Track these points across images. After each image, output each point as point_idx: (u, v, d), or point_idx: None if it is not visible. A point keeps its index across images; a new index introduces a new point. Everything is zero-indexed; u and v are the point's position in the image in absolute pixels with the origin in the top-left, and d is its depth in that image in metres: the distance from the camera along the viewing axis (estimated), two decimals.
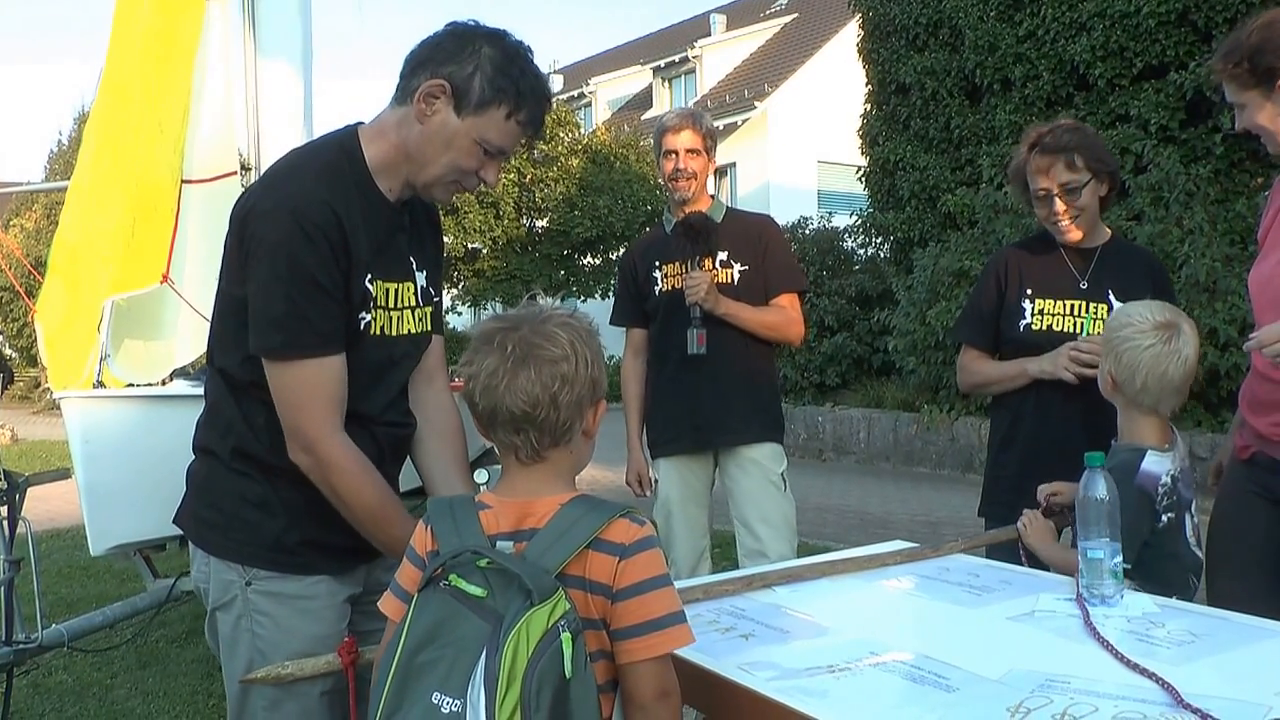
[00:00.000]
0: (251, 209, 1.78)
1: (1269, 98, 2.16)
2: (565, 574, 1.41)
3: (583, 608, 1.41)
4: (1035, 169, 2.77)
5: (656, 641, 1.41)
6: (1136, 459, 2.15)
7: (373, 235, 1.84)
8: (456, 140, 1.80)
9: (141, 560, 4.35)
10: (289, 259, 1.72)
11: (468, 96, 1.78)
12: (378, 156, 1.85)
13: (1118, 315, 2.28)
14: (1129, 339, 2.18)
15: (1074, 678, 1.46)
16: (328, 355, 1.77)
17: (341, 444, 1.79)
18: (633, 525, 1.44)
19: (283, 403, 1.77)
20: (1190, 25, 8.60)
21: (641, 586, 1.42)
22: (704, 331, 3.35)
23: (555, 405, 1.47)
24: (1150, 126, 8.72)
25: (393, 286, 1.91)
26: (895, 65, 11.09)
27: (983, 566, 2.20)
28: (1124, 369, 2.18)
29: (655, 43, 31.41)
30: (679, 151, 3.46)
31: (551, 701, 1.31)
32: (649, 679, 1.42)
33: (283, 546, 1.84)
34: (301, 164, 1.85)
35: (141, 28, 4.57)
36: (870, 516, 7.95)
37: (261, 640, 1.83)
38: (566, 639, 1.33)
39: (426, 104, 1.79)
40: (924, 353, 9.70)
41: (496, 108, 1.79)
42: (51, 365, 4.50)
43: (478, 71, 1.78)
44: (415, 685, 1.36)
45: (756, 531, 3.45)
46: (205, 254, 4.49)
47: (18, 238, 21.38)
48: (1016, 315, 2.84)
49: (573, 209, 19.48)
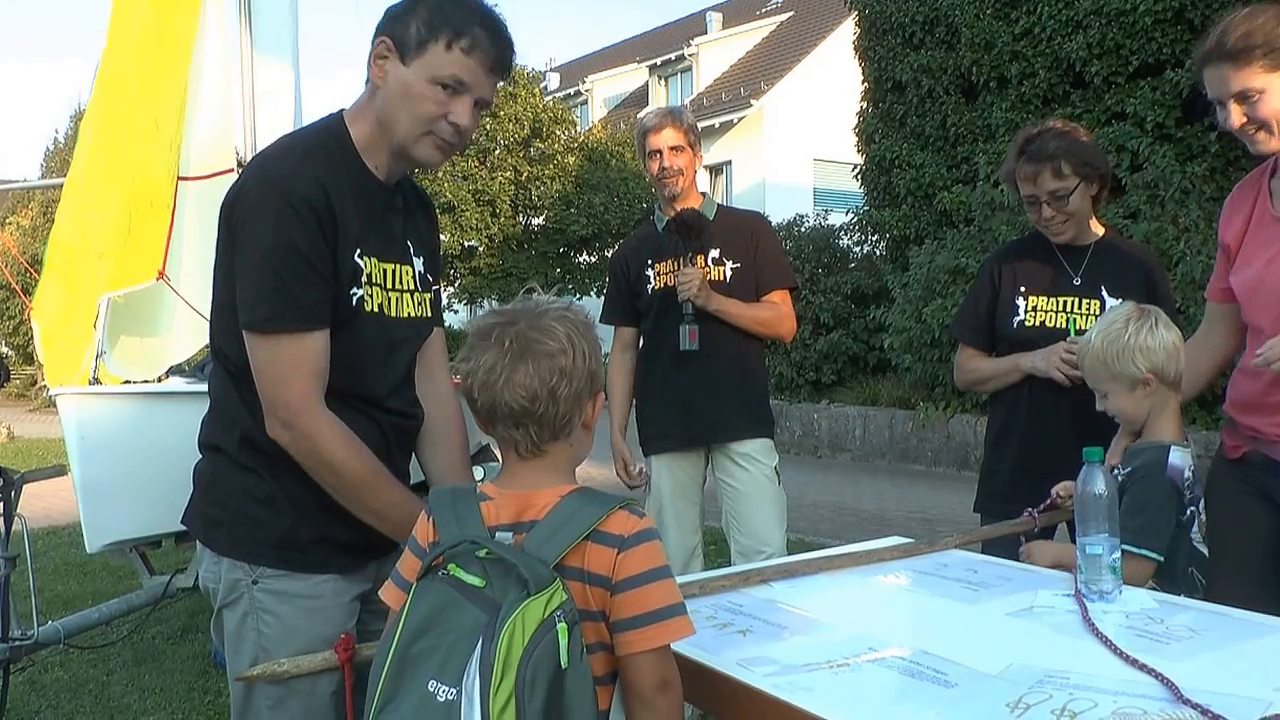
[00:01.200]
0: (239, 190, 1.79)
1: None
2: (564, 565, 1.41)
3: (581, 599, 1.41)
4: (1022, 176, 2.78)
5: (655, 633, 1.41)
6: (1163, 454, 2.16)
7: (362, 211, 1.84)
8: (412, 89, 1.81)
9: (137, 557, 4.35)
10: (274, 232, 1.72)
11: (407, 42, 1.80)
12: (362, 135, 1.87)
13: (1105, 335, 2.26)
14: (1136, 336, 2.20)
15: (1073, 673, 1.46)
16: (311, 330, 1.76)
17: (323, 415, 1.76)
18: (632, 517, 1.44)
19: (263, 377, 1.76)
20: (1186, 23, 8.60)
21: (641, 578, 1.42)
22: (696, 328, 3.35)
23: (554, 399, 1.47)
24: (1146, 124, 8.72)
25: (389, 267, 1.91)
26: (891, 63, 11.09)
27: (981, 562, 2.20)
28: (1156, 356, 2.19)
29: (651, 41, 31.39)
30: (663, 150, 3.46)
31: (546, 691, 1.31)
32: (649, 671, 1.42)
33: (291, 544, 1.83)
34: (288, 144, 1.87)
35: (138, 25, 4.57)
36: (866, 514, 7.95)
37: (266, 639, 1.82)
38: (562, 629, 1.33)
39: (378, 66, 1.82)
40: (920, 350, 9.71)
41: (435, 43, 1.80)
42: (48, 362, 4.49)
43: (413, 17, 1.81)
44: (412, 673, 1.36)
45: (749, 527, 3.45)
46: (201, 251, 4.49)
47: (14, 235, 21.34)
48: (1010, 312, 2.86)
49: (569, 207, 19.48)
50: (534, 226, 20.14)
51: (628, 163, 20.02)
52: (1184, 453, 2.18)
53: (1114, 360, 2.21)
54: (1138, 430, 2.28)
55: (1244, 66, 2.14)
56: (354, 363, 1.83)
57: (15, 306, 21.21)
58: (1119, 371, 2.22)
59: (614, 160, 20.25)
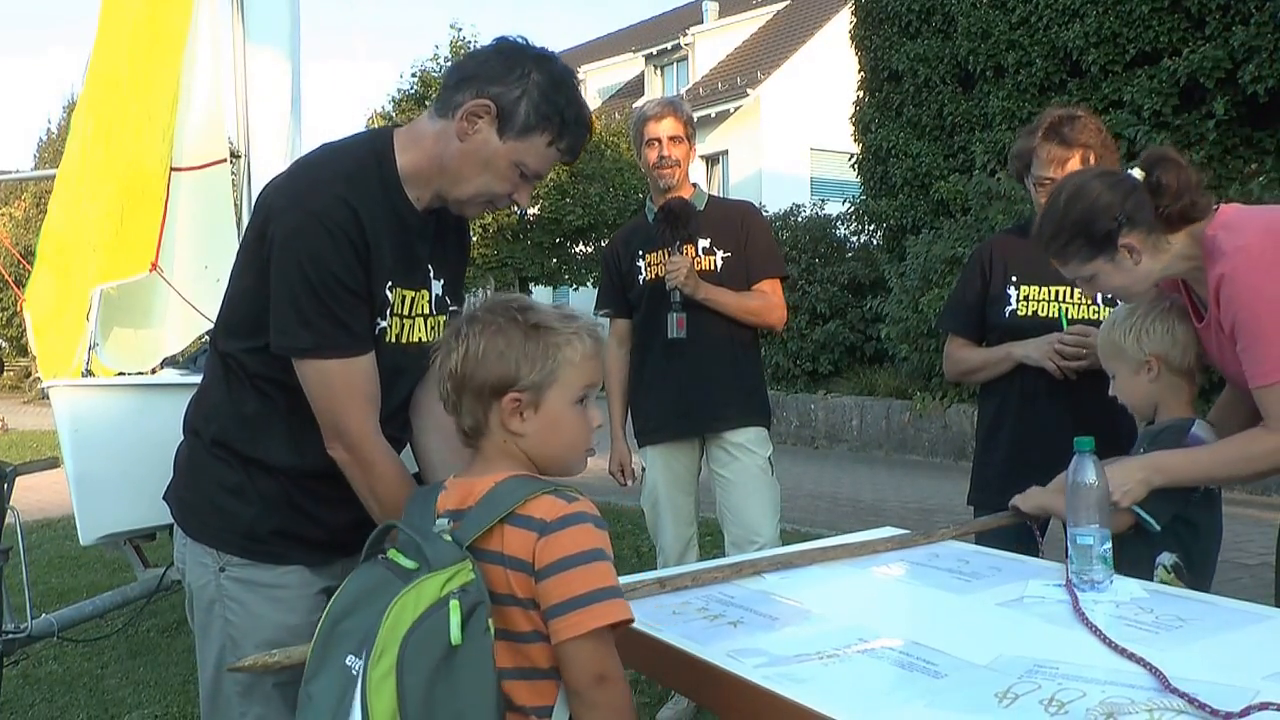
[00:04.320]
0: (274, 204, 1.77)
1: (1114, 260, 2.08)
2: (483, 549, 1.42)
3: (503, 584, 1.41)
4: (1048, 158, 2.70)
5: (578, 619, 1.38)
6: (1186, 424, 2.18)
7: (395, 242, 1.82)
8: (495, 162, 1.79)
9: (131, 550, 4.34)
10: (313, 259, 1.71)
11: (512, 120, 1.77)
12: (410, 165, 1.83)
13: (1118, 315, 2.30)
14: (1144, 320, 2.22)
15: (1062, 663, 1.46)
16: (361, 354, 1.78)
17: (382, 446, 1.80)
18: (558, 502, 1.43)
19: (320, 401, 1.77)
20: (1183, 11, 8.59)
21: (564, 563, 1.39)
22: (684, 316, 3.34)
23: (457, 396, 1.52)
24: (1143, 113, 8.72)
25: (409, 294, 1.89)
26: (888, 52, 11.07)
27: (972, 553, 2.19)
28: (1161, 340, 2.20)
29: (647, 30, 31.31)
30: (662, 139, 3.45)
31: (431, 668, 1.32)
32: (581, 661, 1.39)
33: (255, 535, 1.84)
34: (327, 162, 1.83)
35: (130, 15, 4.54)
36: (862, 504, 7.96)
37: (233, 627, 1.84)
38: (454, 606, 1.34)
39: (469, 122, 1.77)
40: (916, 340, 9.71)
41: (540, 134, 1.78)
42: (40, 354, 4.48)
43: (525, 96, 1.76)
44: (335, 650, 1.39)
45: (742, 517, 3.45)
46: (195, 242, 4.48)
47: (7, 227, 21.31)
48: (1002, 302, 2.84)
49: (564, 197, 19.43)
50: (529, 217, 20.10)
51: (623, 153, 19.97)
52: (1208, 430, 2.19)
53: (1119, 339, 2.25)
54: (1150, 421, 2.29)
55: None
56: None
57: (8, 298, 21.20)
58: (1122, 350, 2.25)
59: (609, 151, 20.19)
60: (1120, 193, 2.07)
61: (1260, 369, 1.99)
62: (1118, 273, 2.10)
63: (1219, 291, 2.01)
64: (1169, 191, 2.04)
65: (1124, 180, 2.11)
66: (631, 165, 19.63)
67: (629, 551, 6.00)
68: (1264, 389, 1.99)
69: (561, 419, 1.52)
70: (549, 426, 1.52)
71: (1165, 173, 2.05)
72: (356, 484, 1.80)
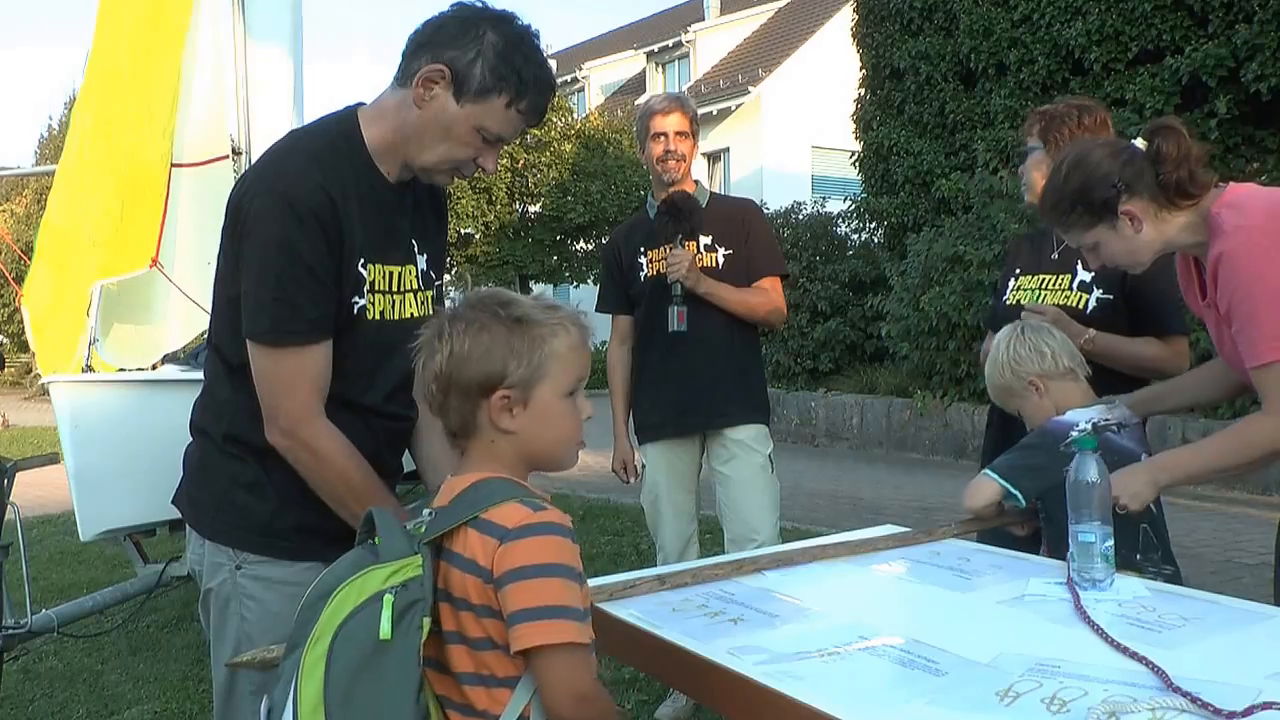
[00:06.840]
0: (245, 192, 1.76)
1: (1115, 227, 2.09)
2: (450, 549, 1.41)
3: (460, 588, 1.40)
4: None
5: (524, 633, 1.33)
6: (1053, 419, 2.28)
7: (369, 218, 1.81)
8: (455, 128, 1.77)
9: (132, 545, 4.34)
10: (279, 243, 1.70)
11: (468, 83, 1.74)
12: (377, 138, 1.82)
13: (990, 364, 2.46)
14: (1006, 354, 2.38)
15: (1064, 661, 1.46)
16: (314, 343, 1.75)
17: (324, 427, 1.77)
18: (523, 509, 1.39)
19: (265, 386, 1.76)
20: (1186, 9, 8.57)
21: (522, 572, 1.34)
22: (685, 309, 3.34)
23: (442, 396, 1.48)
24: (1146, 111, 8.69)
25: (394, 270, 1.88)
26: (889, 50, 11.05)
27: (973, 551, 2.19)
28: (1031, 361, 2.34)
29: (648, 27, 31.27)
30: (668, 134, 3.45)
31: (359, 661, 1.31)
32: (553, 681, 1.35)
33: (275, 531, 1.83)
34: (297, 146, 1.82)
35: (130, 10, 4.54)
36: (863, 502, 7.95)
37: (249, 624, 1.83)
38: (388, 601, 1.33)
39: (425, 89, 1.75)
40: (917, 338, 9.70)
41: (497, 96, 1.75)
42: (39, 350, 4.48)
43: (480, 58, 1.73)
44: (304, 630, 1.39)
45: (743, 515, 3.44)
46: (195, 238, 4.47)
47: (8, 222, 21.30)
48: (1003, 294, 2.94)
49: (565, 194, 19.44)
50: (530, 214, 20.10)
51: (625, 150, 19.98)
52: (1082, 411, 2.24)
53: (1001, 380, 2.40)
54: None
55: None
56: (351, 370, 1.82)
57: (9, 294, 21.20)
58: (1010, 388, 2.39)
59: (611, 148, 20.20)
60: (1119, 160, 2.09)
61: (1255, 350, 1.98)
62: (1119, 240, 2.11)
63: (1216, 271, 2.01)
64: (1169, 159, 2.04)
65: (1125, 149, 2.12)
66: (633, 162, 19.63)
67: (629, 549, 5.99)
68: (1259, 370, 1.99)
69: (551, 413, 1.49)
70: (539, 421, 1.48)
71: (1166, 140, 2.06)
72: (301, 468, 1.77)
